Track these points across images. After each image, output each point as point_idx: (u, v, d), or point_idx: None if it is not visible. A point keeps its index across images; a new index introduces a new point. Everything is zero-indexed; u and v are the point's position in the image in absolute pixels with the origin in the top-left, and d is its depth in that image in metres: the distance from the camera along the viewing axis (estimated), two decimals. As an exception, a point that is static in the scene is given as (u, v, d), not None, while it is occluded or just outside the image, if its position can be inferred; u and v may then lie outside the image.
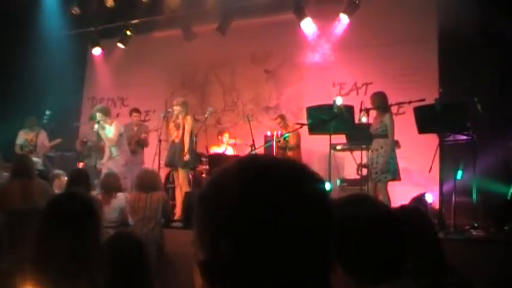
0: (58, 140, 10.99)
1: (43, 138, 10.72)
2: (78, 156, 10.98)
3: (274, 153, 9.57)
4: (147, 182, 7.37)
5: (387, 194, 7.64)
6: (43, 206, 2.47)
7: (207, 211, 1.04)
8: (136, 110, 11.01)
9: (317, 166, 9.04)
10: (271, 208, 0.98)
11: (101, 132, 9.35)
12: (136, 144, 10.41)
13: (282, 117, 10.25)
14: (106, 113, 9.46)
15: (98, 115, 9.32)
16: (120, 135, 9.41)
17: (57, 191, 7.34)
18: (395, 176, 7.69)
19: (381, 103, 7.86)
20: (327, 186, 7.91)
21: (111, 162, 9.30)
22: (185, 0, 11.49)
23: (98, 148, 10.39)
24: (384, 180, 7.65)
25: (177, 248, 7.15)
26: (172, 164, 9.25)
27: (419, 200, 7.67)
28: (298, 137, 9.77)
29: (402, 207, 2.80)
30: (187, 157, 9.01)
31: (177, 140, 9.15)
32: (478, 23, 8.46)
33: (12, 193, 6.22)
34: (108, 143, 9.41)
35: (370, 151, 7.89)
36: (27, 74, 11.72)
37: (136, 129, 10.70)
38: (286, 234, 0.98)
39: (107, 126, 9.32)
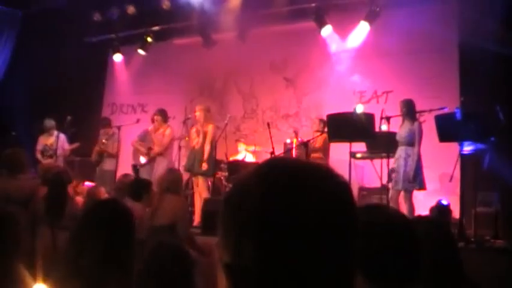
0: (77, 144, 11.04)
1: (63, 141, 10.77)
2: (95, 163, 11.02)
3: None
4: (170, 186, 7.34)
5: (412, 203, 7.58)
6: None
7: (231, 214, 1.04)
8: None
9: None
10: (295, 210, 0.98)
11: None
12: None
13: (324, 122, 9.26)
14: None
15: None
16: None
17: None
18: (422, 185, 7.62)
19: (411, 110, 7.82)
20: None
21: None
22: (205, 7, 11.53)
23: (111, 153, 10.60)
24: (411, 189, 7.59)
25: (196, 254, 7.15)
26: (192, 170, 9.29)
27: (438, 208, 7.58)
28: (325, 140, 9.30)
29: (418, 217, 2.79)
30: (205, 166, 9.19)
31: (197, 147, 9.20)
32: (499, 32, 8.39)
33: None
34: None
35: (395, 158, 7.80)
36: (48, 79, 11.82)
37: None
38: (309, 236, 0.97)
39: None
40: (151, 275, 2.44)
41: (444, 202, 7.79)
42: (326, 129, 8.76)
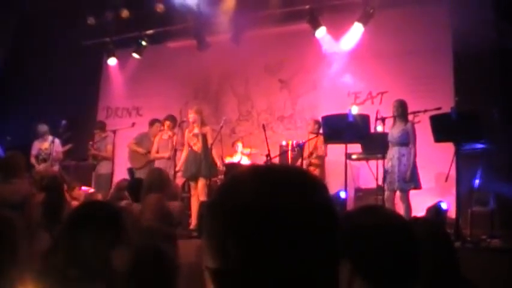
0: (69, 145, 11.00)
1: (58, 146, 10.71)
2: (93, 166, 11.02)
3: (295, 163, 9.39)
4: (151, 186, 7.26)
5: (409, 203, 7.59)
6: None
7: (217, 217, 1.03)
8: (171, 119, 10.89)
9: (333, 175, 9.00)
10: (279, 213, 0.99)
11: None
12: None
13: (319, 123, 9.27)
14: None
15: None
16: None
17: None
18: (417, 184, 7.63)
19: (404, 110, 7.84)
20: (342, 194, 7.87)
21: None
22: (199, 10, 11.53)
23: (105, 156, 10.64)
24: (407, 188, 7.59)
25: (191, 257, 7.12)
26: (195, 174, 9.22)
27: (435, 209, 7.58)
28: (321, 142, 9.21)
29: (415, 218, 2.80)
30: (220, 166, 9.55)
31: (199, 151, 9.17)
32: (493, 31, 8.40)
33: None
34: None
35: (387, 159, 7.80)
36: (42, 83, 11.80)
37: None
38: (294, 238, 0.98)
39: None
40: (133, 278, 2.41)
41: (444, 206, 7.79)
42: (321, 131, 8.77)
